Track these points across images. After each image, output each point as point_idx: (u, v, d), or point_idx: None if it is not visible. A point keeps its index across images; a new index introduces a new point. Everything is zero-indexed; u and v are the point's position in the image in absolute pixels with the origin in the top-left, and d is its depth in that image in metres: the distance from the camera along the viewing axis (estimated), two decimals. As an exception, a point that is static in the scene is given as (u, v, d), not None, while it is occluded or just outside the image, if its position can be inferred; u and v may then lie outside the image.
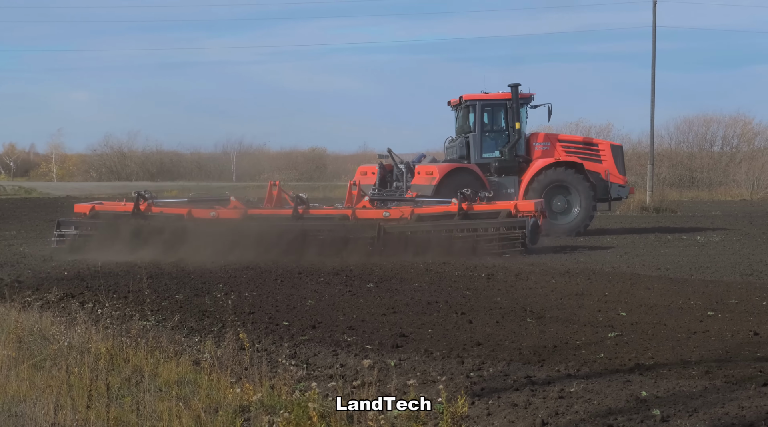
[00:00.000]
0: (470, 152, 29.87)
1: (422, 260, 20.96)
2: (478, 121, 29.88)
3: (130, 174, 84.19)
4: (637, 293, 15.80)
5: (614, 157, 29.99)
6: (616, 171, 29.88)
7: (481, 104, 29.96)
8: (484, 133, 29.96)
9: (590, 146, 30.24)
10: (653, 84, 52.01)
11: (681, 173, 59.77)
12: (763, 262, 20.75)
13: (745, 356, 10.64)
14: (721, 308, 14.12)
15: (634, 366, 10.08)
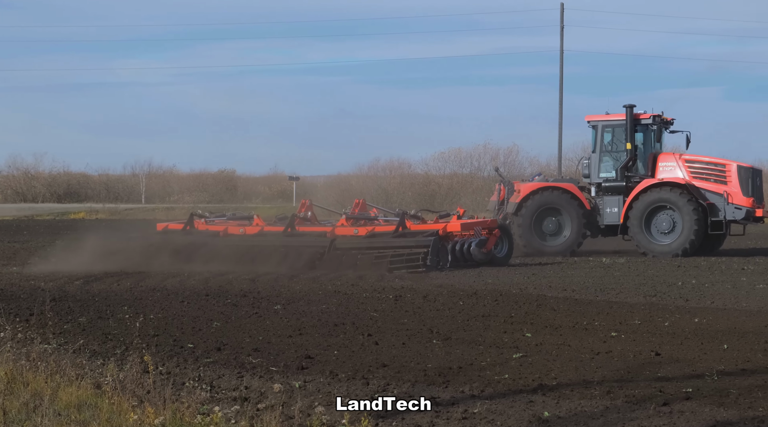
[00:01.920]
0: (590, 172, 30.70)
1: (338, 278, 20.95)
2: (598, 141, 30.65)
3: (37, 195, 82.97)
4: (543, 314, 15.94)
5: (740, 178, 29.43)
6: (739, 193, 29.34)
7: (602, 125, 30.58)
8: (603, 154, 30.51)
9: (715, 167, 29.82)
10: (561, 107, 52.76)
11: (588, 196, 60.41)
12: (666, 283, 21.06)
13: (647, 375, 10.78)
14: (624, 329, 14.29)
15: (538, 387, 10.15)
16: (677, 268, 25.08)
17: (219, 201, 74.12)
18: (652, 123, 30.06)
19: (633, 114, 29.93)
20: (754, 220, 29.63)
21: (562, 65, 54.30)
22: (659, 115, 30.17)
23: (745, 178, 29.50)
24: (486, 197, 60.02)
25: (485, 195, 60.44)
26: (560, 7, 59.77)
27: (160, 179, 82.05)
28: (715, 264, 26.01)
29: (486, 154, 64.82)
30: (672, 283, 21.10)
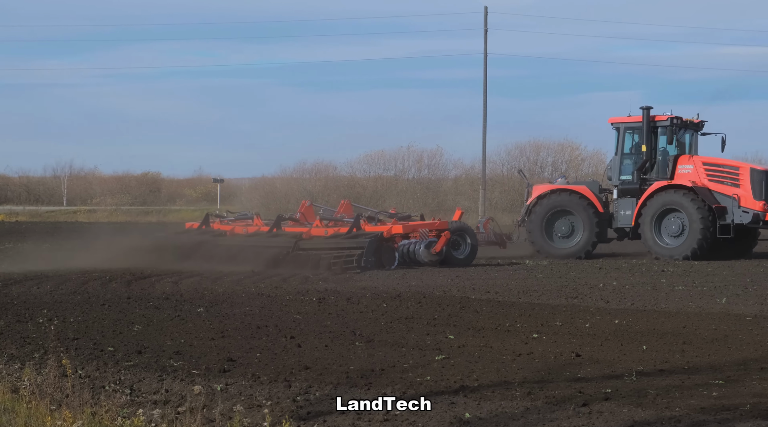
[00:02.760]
0: (612, 174, 30.62)
1: (262, 280, 20.89)
2: (619, 143, 30.45)
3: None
4: (466, 316, 16.01)
5: (752, 181, 29.15)
6: (750, 196, 29.05)
7: (624, 127, 30.38)
8: (623, 156, 30.33)
9: (730, 169, 29.56)
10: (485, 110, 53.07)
11: (513, 198, 60.89)
12: (588, 285, 21.27)
13: (567, 376, 10.88)
14: (546, 331, 14.41)
15: (459, 388, 10.19)
16: (599, 270, 25.35)
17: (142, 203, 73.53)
18: (671, 125, 29.79)
19: (650, 116, 29.71)
20: (764, 224, 29.16)
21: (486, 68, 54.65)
22: (678, 118, 29.87)
23: (758, 181, 29.12)
24: (410, 200, 60.30)
25: (409, 197, 60.71)
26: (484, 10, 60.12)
27: (81, 181, 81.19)
28: (636, 266, 26.33)
29: (410, 157, 65.04)
30: (593, 285, 21.32)
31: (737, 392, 9.96)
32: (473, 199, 58.24)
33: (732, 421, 8.75)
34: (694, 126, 30.40)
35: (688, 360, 11.91)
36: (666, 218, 29.22)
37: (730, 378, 10.70)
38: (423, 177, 64.67)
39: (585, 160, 65.15)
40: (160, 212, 66.05)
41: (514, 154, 65.11)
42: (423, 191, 61.96)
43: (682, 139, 30.39)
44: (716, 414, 9.00)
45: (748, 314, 16.34)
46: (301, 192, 63.82)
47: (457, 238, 26.73)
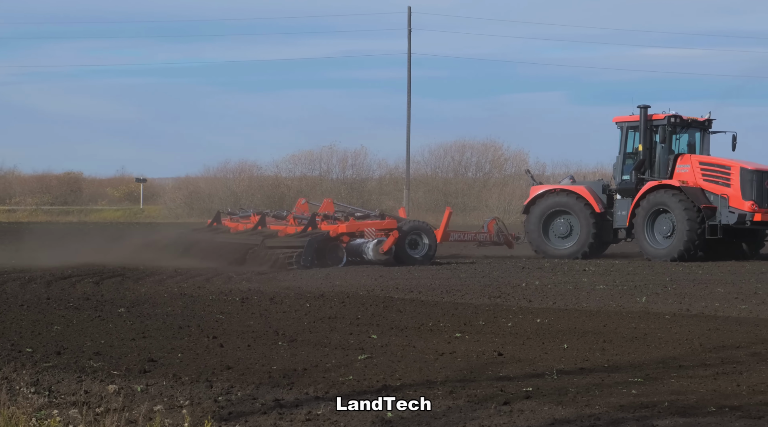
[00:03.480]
0: (615, 174, 30.20)
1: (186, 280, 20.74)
2: (622, 143, 29.94)
3: None
4: (389, 316, 16.03)
5: (741, 180, 28.55)
6: (738, 195, 28.48)
7: (626, 126, 29.81)
8: (626, 155, 29.81)
9: (721, 169, 28.93)
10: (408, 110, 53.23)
11: (437, 198, 61.14)
12: (511, 284, 21.40)
13: (489, 375, 10.93)
14: (469, 330, 14.46)
15: (382, 387, 10.19)
16: (522, 269, 25.52)
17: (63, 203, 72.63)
18: (668, 124, 29.33)
19: (647, 115, 29.25)
20: (753, 224, 28.49)
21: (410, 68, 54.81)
22: (676, 116, 29.40)
23: (749, 180, 28.55)
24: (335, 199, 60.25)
25: (334, 197, 60.55)
26: (408, 10, 60.26)
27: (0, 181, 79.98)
28: (558, 266, 26.54)
29: (334, 157, 65.02)
30: (516, 284, 21.46)
31: (656, 390, 10.08)
32: (397, 199, 58.35)
33: (650, 418, 8.84)
34: (699, 124, 29.81)
35: (608, 358, 12.03)
36: (658, 218, 28.85)
37: (649, 376, 10.82)
38: (348, 177, 64.71)
39: (508, 160, 65.66)
40: (81, 212, 65.35)
41: (438, 154, 65.44)
42: (347, 191, 61.97)
43: (686, 139, 29.90)
44: (635, 412, 9.09)
45: (667, 312, 16.55)
46: (225, 192, 63.55)
47: (414, 237, 26.97)
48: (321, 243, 25.84)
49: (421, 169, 64.49)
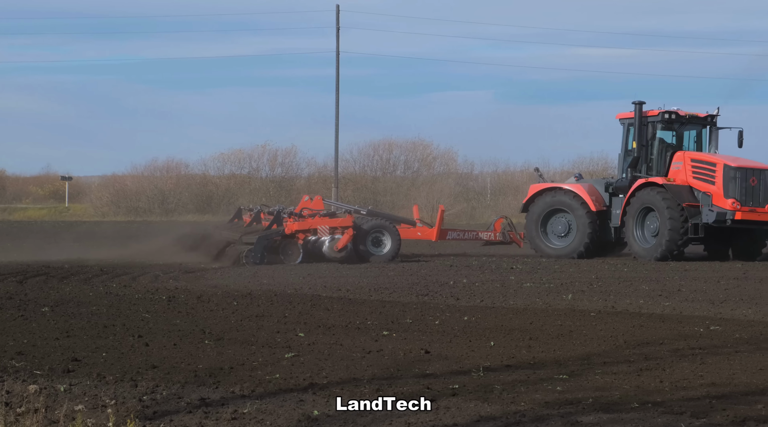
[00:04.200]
0: (617, 171, 29.59)
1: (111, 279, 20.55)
2: (622, 140, 29.29)
3: None
4: (317, 314, 16.01)
5: (724, 177, 27.75)
6: (720, 193, 27.69)
7: (627, 123, 29.15)
8: (627, 152, 29.12)
9: (708, 166, 28.16)
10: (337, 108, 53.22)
11: (365, 196, 61.18)
12: (438, 282, 21.47)
13: (416, 373, 10.95)
14: (396, 328, 14.49)
15: (308, 386, 10.18)
16: (450, 267, 25.61)
17: (-15, 201, 71.56)
18: (662, 120, 28.62)
19: (642, 111, 28.57)
20: (734, 223, 27.64)
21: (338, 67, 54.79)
22: (671, 112, 28.62)
23: (732, 177, 27.79)
24: (263, 198, 60.04)
25: (262, 195, 60.43)
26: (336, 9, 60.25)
27: None
28: (486, 264, 26.66)
29: (264, 155, 64.78)
30: (444, 282, 21.53)
31: (580, 386, 10.17)
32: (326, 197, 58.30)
33: (575, 414, 8.92)
34: (701, 120, 29.02)
35: (534, 355, 12.11)
36: (648, 217, 28.23)
37: (574, 373, 10.92)
38: (276, 175, 64.52)
39: (437, 159, 65.89)
40: (5, 210, 64.45)
41: (366, 152, 65.49)
42: (276, 189, 61.81)
43: (686, 135, 29.24)
44: (560, 408, 9.16)
45: (592, 309, 16.70)
46: (153, 190, 63.05)
47: (377, 235, 27.11)
48: (275, 240, 26.24)
49: (350, 167, 64.52)
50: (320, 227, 26.72)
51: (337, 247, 26.44)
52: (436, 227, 29.41)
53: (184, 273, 23.36)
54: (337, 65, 53.72)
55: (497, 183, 63.10)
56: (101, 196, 64.78)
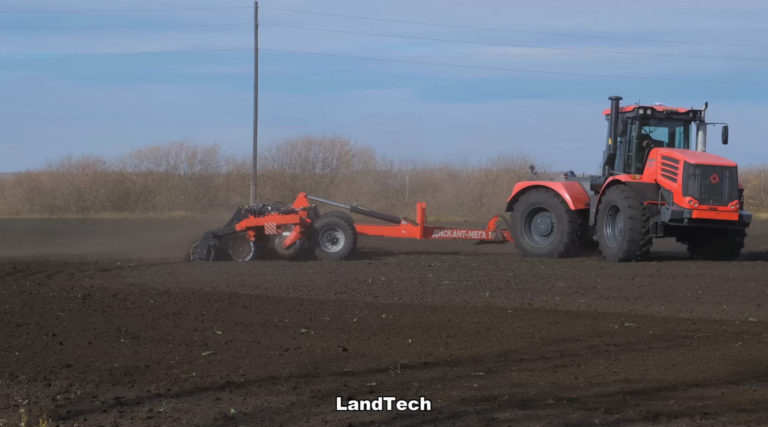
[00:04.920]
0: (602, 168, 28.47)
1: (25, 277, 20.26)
2: (607, 136, 28.10)
3: None
4: (235, 312, 15.93)
5: (684, 175, 26.64)
6: (679, 192, 26.64)
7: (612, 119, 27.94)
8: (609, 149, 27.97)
9: (672, 162, 27.06)
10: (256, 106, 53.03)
11: (284, 193, 60.84)
12: (357, 280, 21.47)
13: (333, 371, 10.95)
14: (314, 325, 14.47)
15: (225, 384, 10.13)
16: (368, 265, 25.62)
17: None
18: (636, 116, 27.54)
19: (618, 107, 27.50)
20: (692, 222, 26.60)
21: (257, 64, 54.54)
22: (647, 108, 27.53)
23: (690, 174, 26.71)
24: (181, 196, 59.62)
25: (180, 193, 60.00)
26: (254, 6, 59.96)
27: None
28: (404, 261, 26.72)
29: (183, 153, 64.19)
30: (362, 280, 21.54)
31: (497, 383, 10.24)
32: (245, 195, 58.03)
33: (491, 411, 8.98)
34: (683, 116, 27.98)
35: (451, 353, 12.17)
36: (617, 216, 27.23)
37: (490, 369, 10.99)
38: (195, 173, 64.01)
39: (355, 157, 65.88)
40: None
41: (285, 150, 65.24)
42: (194, 187, 61.36)
43: (666, 131, 28.25)
44: (476, 405, 9.22)
45: (509, 307, 16.82)
46: (69, 188, 62.23)
47: (332, 232, 27.05)
48: (226, 237, 26.46)
49: (269, 164, 64.24)
50: (267, 224, 26.67)
51: (285, 244, 26.58)
52: (419, 224, 28.75)
53: (100, 271, 23.10)
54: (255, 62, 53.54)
55: (416, 181, 63.25)
56: (15, 194, 63.77)
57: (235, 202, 59.28)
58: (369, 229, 29.48)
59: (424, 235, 29.02)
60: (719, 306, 17.04)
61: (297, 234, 26.62)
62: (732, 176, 27.13)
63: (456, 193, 56.88)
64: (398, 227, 29.28)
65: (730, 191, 27.01)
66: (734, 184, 27.09)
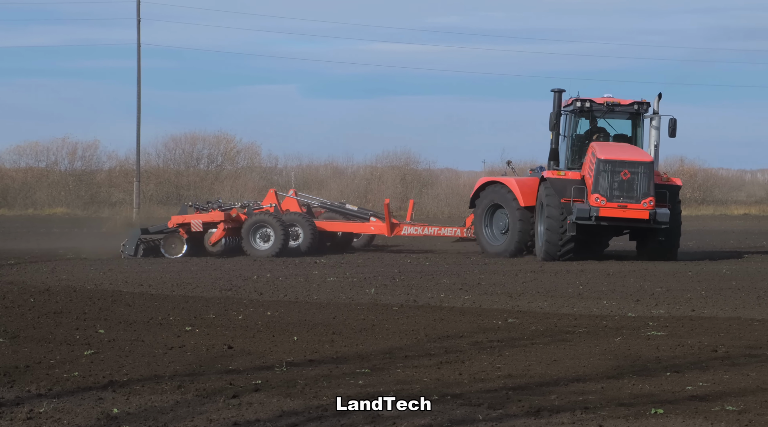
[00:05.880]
0: None
1: None
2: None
3: None
4: (118, 310, 15.75)
5: (596, 171, 25.54)
6: (589, 188, 25.63)
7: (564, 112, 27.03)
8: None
9: (591, 157, 25.97)
10: (139, 102, 52.42)
11: (168, 190, 60.41)
12: (242, 277, 21.37)
13: (218, 369, 10.89)
14: (199, 323, 14.37)
15: (108, 383, 10.01)
16: (254, 262, 25.52)
17: None
18: (574, 109, 26.57)
19: (561, 99, 26.70)
20: (599, 220, 25.51)
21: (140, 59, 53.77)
22: (585, 100, 26.44)
23: (603, 170, 25.61)
24: (62, 192, 58.64)
25: (61, 189, 59.03)
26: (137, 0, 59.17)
27: None
28: (289, 258, 26.65)
29: (64, 148, 63.18)
30: (248, 277, 21.45)
31: (382, 380, 10.29)
32: (128, 192, 57.32)
33: (376, 408, 9.01)
34: (627, 109, 26.78)
35: (337, 350, 12.19)
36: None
37: (376, 366, 11.04)
38: (76, 169, 63.03)
39: (240, 153, 65.62)
40: None
41: (169, 146, 64.68)
42: (76, 183, 60.43)
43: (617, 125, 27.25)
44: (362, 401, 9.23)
45: (394, 304, 16.91)
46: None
47: (264, 230, 26.93)
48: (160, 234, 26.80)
49: (153, 161, 63.57)
50: (193, 222, 26.73)
51: (211, 241, 26.94)
52: (386, 221, 28.19)
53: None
54: (138, 57, 52.84)
55: (301, 177, 63.21)
56: None
57: (117, 198, 58.61)
58: (338, 226, 29.18)
59: (395, 232, 28.47)
60: (599, 302, 17.36)
61: (222, 232, 26.79)
62: (647, 172, 25.63)
63: (341, 190, 56.94)
64: (368, 224, 28.91)
65: (644, 188, 25.55)
66: (649, 181, 25.59)
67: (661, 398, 9.49)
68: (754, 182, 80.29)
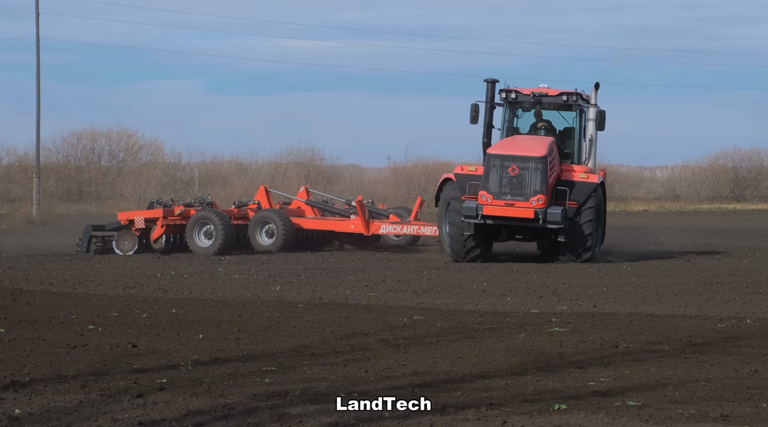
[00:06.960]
0: None
1: None
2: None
3: None
4: (18, 309, 15.51)
5: (486, 166, 24.49)
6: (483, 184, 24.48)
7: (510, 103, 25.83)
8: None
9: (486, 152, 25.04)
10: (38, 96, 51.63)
11: (69, 186, 59.67)
12: (146, 275, 21.19)
13: (123, 368, 10.79)
14: (102, 322, 14.21)
15: (9, 384, 9.86)
16: (158, 259, 25.33)
17: None
18: (505, 100, 25.57)
19: (494, 90, 25.58)
20: (484, 218, 24.27)
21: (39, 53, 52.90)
22: (511, 91, 25.42)
23: (493, 166, 24.41)
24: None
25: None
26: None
27: None
28: (193, 256, 26.48)
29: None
30: (152, 274, 21.27)
31: (289, 378, 10.28)
32: (27, 188, 56.40)
33: (283, 406, 9.01)
34: (553, 100, 25.64)
35: (242, 348, 12.15)
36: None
37: (282, 365, 11.03)
38: (-27, 165, 61.99)
39: (142, 149, 65.01)
40: None
41: (70, 141, 63.91)
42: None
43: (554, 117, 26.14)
44: (268, 400, 9.23)
45: (300, 301, 16.89)
46: None
47: (208, 227, 26.73)
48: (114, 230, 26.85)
49: (53, 156, 62.75)
50: (136, 218, 26.75)
51: (152, 238, 26.81)
52: (360, 219, 27.57)
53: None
54: (37, 51, 51.95)
55: (205, 173, 62.87)
56: None
57: (16, 195, 57.65)
58: (320, 224, 28.88)
59: (372, 230, 27.85)
60: (504, 298, 17.53)
61: (161, 228, 26.75)
62: (538, 167, 24.21)
63: (246, 186, 56.68)
64: (348, 222, 28.25)
65: (535, 185, 24.20)
66: (542, 177, 24.19)
67: (564, 394, 9.62)
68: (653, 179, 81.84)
